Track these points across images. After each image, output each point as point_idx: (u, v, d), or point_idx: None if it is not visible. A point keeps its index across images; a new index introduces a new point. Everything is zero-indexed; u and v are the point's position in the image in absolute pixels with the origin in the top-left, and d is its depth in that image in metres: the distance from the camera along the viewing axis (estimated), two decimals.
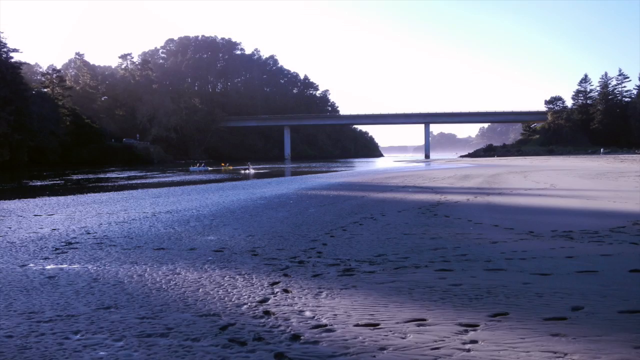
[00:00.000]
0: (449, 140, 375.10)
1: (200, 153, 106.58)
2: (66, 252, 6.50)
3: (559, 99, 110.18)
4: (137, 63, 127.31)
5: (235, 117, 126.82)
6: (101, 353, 3.06)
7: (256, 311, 3.84)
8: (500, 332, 3.28)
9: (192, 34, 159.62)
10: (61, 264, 5.76)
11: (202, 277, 5.01)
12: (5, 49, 66.80)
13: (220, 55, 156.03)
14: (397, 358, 2.91)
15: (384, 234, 7.54)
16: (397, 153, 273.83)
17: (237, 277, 4.98)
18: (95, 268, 5.51)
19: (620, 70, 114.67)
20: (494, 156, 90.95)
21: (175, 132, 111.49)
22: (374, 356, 2.94)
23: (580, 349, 2.97)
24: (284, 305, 3.99)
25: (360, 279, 4.79)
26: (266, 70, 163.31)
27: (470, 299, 4.04)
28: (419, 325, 3.45)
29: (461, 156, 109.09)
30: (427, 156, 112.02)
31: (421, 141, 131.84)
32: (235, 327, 3.47)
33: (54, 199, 16.53)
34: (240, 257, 6.02)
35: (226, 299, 4.21)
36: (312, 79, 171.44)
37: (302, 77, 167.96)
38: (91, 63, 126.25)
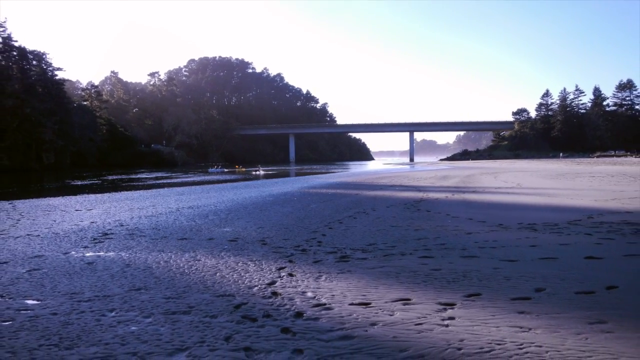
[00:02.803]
0: (431, 146, 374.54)
1: (217, 157, 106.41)
2: (103, 242, 6.50)
3: (524, 110, 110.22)
4: (163, 80, 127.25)
5: (247, 126, 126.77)
6: (133, 328, 3.06)
7: (265, 292, 3.84)
8: (474, 310, 3.28)
9: (210, 55, 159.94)
10: (98, 252, 5.76)
11: (219, 263, 5.01)
12: (51, 68, 66.75)
13: (235, 73, 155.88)
14: (386, 332, 2.91)
15: (374, 226, 7.53)
16: (386, 157, 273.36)
17: (249, 263, 4.98)
18: (127, 255, 5.51)
19: (576, 86, 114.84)
20: (469, 159, 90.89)
21: (196, 139, 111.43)
22: (366, 330, 2.95)
23: (543, 324, 2.97)
24: (289, 287, 3.99)
25: (354, 265, 4.78)
26: (274, 86, 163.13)
27: (448, 281, 4.04)
28: (404, 304, 3.45)
29: (441, 159, 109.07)
30: (411, 160, 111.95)
31: (406, 147, 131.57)
32: (247, 306, 3.47)
33: (92, 196, 16.51)
34: (252, 246, 6.02)
35: (239, 281, 4.20)
36: (313, 94, 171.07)
37: (304, 92, 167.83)
38: (124, 80, 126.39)
